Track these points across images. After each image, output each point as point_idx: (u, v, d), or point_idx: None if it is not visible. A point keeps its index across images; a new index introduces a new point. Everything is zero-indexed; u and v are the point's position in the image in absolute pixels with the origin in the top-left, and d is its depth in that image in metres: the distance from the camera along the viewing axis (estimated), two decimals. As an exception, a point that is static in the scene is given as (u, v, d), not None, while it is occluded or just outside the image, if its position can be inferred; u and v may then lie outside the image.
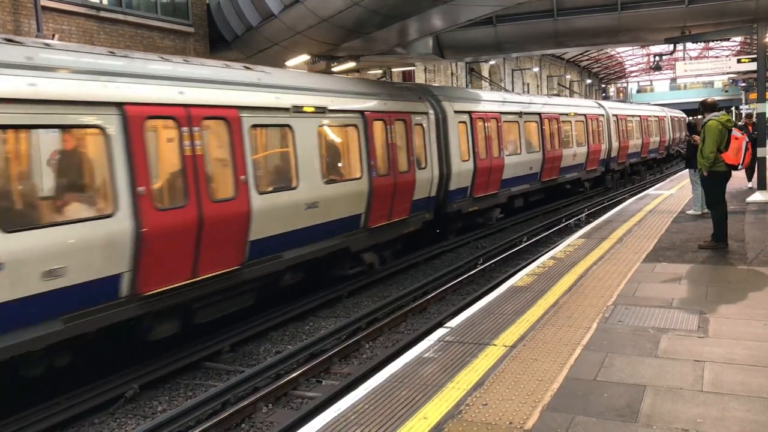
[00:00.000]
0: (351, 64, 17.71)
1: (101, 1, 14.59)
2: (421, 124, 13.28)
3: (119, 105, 6.98)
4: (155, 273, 7.25)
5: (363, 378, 6.68)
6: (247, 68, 9.43)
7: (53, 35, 12.69)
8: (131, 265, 6.97)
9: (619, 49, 61.41)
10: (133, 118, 7.06)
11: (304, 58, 15.85)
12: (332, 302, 10.66)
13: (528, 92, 46.64)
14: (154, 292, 7.29)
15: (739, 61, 26.52)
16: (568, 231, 16.39)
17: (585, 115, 23.11)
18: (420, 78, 32.25)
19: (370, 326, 9.21)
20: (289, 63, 15.85)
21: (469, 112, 15.39)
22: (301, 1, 12.46)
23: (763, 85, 14.28)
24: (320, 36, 13.89)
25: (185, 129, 7.70)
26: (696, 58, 48.17)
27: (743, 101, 49.97)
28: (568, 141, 21.35)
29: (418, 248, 13.79)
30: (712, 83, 76.81)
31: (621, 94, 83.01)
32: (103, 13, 14.34)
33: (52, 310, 6.30)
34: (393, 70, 26.96)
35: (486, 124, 15.90)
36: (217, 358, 8.28)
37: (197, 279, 7.79)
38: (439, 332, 6.02)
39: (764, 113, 14.08)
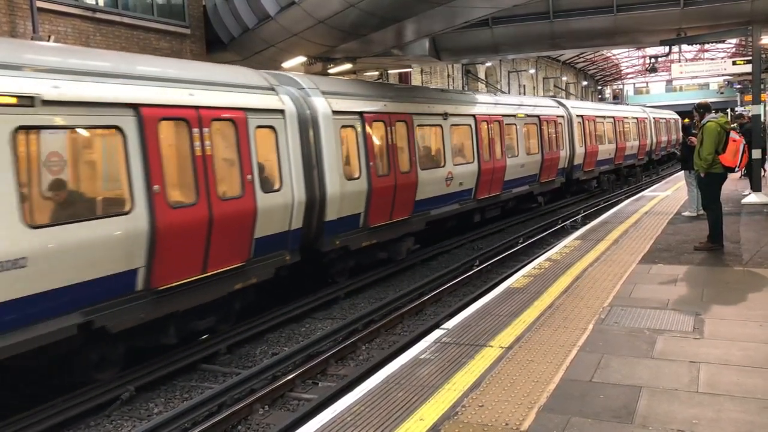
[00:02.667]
0: (348, 66, 17.72)
1: (97, 3, 14.56)
2: (561, 123, 21.50)
3: None
4: (481, 190, 15.55)
5: (359, 380, 6.67)
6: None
7: (49, 37, 12.67)
8: (475, 184, 15.16)
9: (615, 51, 61.50)
10: None
11: (301, 59, 15.85)
12: (329, 304, 10.65)
13: (524, 94, 46.74)
14: (482, 197, 15.76)
15: (734, 63, 26.54)
16: (564, 232, 16.40)
17: (637, 117, 31.21)
18: (416, 80, 32.25)
19: (366, 328, 9.21)
20: (286, 64, 15.85)
21: (582, 116, 23.52)
22: (297, 3, 12.46)
23: (757, 87, 14.34)
24: (317, 38, 13.89)
25: None
26: (692, 60, 48.23)
27: (738, 103, 50.10)
28: (628, 137, 28.96)
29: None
30: (707, 85, 76.94)
31: (617, 96, 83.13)
32: (99, 15, 14.31)
33: (455, 200, 14.49)
34: (389, 71, 26.98)
35: (588, 123, 24.16)
36: (213, 360, 8.26)
37: (488, 196, 16.18)
38: (436, 334, 6.03)
39: (759, 115, 14.13)
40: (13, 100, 5.84)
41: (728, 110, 51.96)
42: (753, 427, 3.95)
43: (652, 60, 29.72)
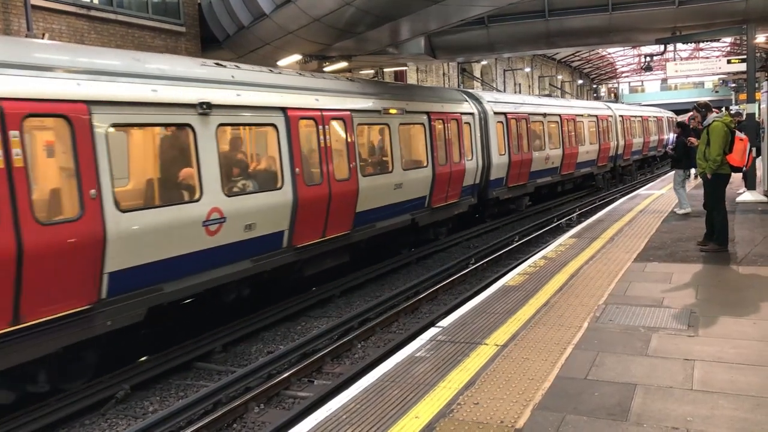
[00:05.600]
0: (343, 64, 17.70)
1: (92, 1, 14.50)
2: (611, 121, 27.58)
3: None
4: (564, 168, 21.80)
5: (355, 378, 6.68)
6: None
7: (43, 34, 12.62)
8: (560, 164, 21.41)
9: (611, 50, 61.62)
10: None
11: (296, 57, 15.83)
12: (324, 302, 10.65)
13: (520, 92, 46.79)
14: (564, 173, 21.94)
15: (729, 61, 26.64)
16: (559, 231, 16.44)
17: (657, 117, 38.49)
18: (412, 78, 32.25)
19: (362, 326, 9.21)
20: (281, 63, 15.82)
21: (622, 116, 29.36)
22: (293, 1, 12.43)
23: (752, 86, 14.36)
24: (312, 36, 13.87)
25: None
26: (687, 58, 48.36)
27: (733, 101, 50.26)
28: (650, 132, 35.45)
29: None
30: (702, 84, 77.13)
31: (612, 95, 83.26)
32: (93, 12, 14.26)
33: (549, 174, 20.92)
34: (385, 70, 26.95)
35: (626, 121, 29.91)
36: (208, 358, 8.26)
37: (567, 173, 22.15)
38: (431, 332, 6.03)
39: (754, 113, 14.17)
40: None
41: (723, 108, 52.09)
42: (747, 424, 3.97)
43: (648, 58, 29.81)
